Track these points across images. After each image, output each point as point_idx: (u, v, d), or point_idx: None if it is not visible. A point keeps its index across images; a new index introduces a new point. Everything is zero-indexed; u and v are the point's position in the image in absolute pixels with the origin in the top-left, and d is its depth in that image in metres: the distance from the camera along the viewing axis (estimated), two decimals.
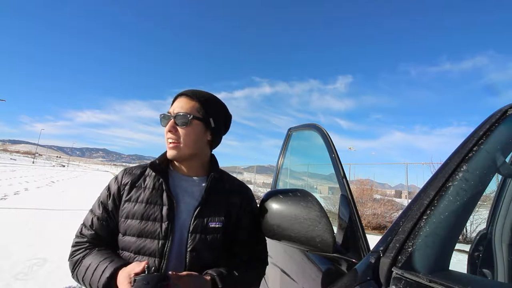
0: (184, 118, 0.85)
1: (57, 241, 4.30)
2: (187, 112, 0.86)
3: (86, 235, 0.84)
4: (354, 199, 1.04)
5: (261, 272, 0.95)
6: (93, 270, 0.76)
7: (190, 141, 0.86)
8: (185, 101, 0.88)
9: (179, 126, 0.86)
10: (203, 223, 0.83)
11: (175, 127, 0.86)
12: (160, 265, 0.78)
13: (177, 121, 0.86)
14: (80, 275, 0.79)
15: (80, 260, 0.81)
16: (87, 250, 0.82)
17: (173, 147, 0.86)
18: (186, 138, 0.86)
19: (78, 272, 0.80)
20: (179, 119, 0.86)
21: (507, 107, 0.72)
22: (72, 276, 0.83)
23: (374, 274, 0.56)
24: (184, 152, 0.87)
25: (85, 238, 0.84)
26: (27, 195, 8.89)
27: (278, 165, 1.97)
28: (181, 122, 0.85)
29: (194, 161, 0.91)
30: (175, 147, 0.86)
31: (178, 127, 0.86)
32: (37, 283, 2.81)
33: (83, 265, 0.79)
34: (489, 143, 0.65)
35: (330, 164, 1.19)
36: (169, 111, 0.89)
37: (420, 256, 0.53)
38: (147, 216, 0.82)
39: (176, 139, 0.86)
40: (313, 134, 1.45)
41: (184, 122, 0.85)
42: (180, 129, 0.86)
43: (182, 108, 0.87)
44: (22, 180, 14.45)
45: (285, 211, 0.86)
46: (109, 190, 0.88)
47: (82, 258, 0.81)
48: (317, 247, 0.82)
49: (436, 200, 0.59)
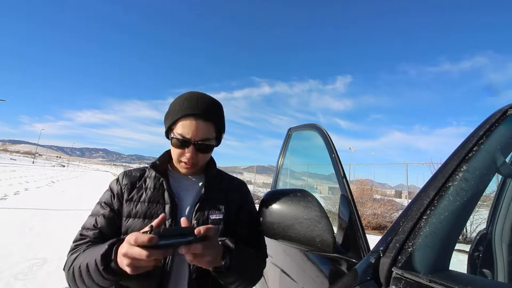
0: (207, 147, 0.86)
1: (57, 241, 4.30)
2: (208, 138, 0.85)
3: (87, 235, 0.81)
4: (354, 199, 1.04)
5: (264, 260, 0.94)
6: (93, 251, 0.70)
7: (205, 160, 0.91)
8: (203, 125, 0.84)
9: (200, 152, 0.86)
10: (204, 216, 0.85)
11: (196, 152, 0.85)
12: (166, 261, 0.79)
13: (200, 149, 0.85)
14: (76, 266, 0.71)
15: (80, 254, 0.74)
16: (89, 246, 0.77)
17: (191, 168, 0.87)
18: (204, 160, 0.89)
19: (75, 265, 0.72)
20: (201, 147, 0.85)
21: (507, 107, 0.72)
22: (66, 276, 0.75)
23: (374, 274, 0.56)
24: (197, 168, 0.90)
25: (86, 238, 0.81)
26: (27, 195, 8.89)
27: (278, 165, 1.97)
28: (203, 150, 0.86)
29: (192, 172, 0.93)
30: (192, 167, 0.87)
31: (199, 153, 0.86)
32: (37, 283, 2.81)
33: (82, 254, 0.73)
34: (489, 143, 0.65)
35: (330, 164, 1.19)
36: (185, 135, 0.83)
37: (420, 256, 0.53)
38: (150, 214, 0.83)
39: (195, 162, 0.86)
40: (313, 134, 1.45)
41: (206, 150, 0.87)
42: (200, 154, 0.86)
43: (203, 135, 0.84)
44: (22, 180, 14.44)
45: (285, 211, 0.86)
46: (112, 191, 0.88)
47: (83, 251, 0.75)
48: (317, 247, 0.82)
49: (436, 200, 0.59)
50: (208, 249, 0.62)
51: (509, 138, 0.66)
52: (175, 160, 0.89)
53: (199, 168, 0.92)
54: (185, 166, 0.87)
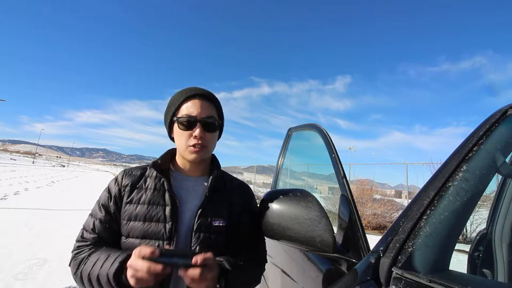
0: (213, 124, 0.87)
1: (57, 241, 4.30)
2: (212, 116, 0.87)
3: (88, 239, 0.82)
4: (354, 199, 1.04)
5: (262, 269, 0.96)
6: (103, 261, 0.73)
7: (213, 145, 0.90)
8: (207, 104, 0.87)
9: (207, 131, 0.86)
10: (207, 222, 0.83)
11: (203, 131, 0.85)
12: None
13: (206, 126, 0.85)
14: (85, 272, 0.75)
15: (86, 257, 0.77)
16: (93, 249, 0.79)
17: (200, 151, 0.85)
18: (211, 142, 0.89)
19: (83, 270, 0.76)
20: (209, 125, 0.86)
21: (507, 107, 0.72)
22: (74, 276, 0.79)
23: (374, 274, 0.56)
24: (207, 155, 0.89)
25: (87, 241, 0.82)
26: (27, 195, 8.88)
27: (278, 165, 1.97)
28: (210, 128, 0.86)
29: (203, 162, 0.92)
30: (202, 150, 0.86)
31: (206, 132, 0.86)
32: (37, 283, 2.81)
33: (90, 260, 0.76)
34: (489, 143, 0.65)
35: (330, 164, 1.19)
36: (191, 114, 0.85)
37: (420, 256, 0.53)
38: (150, 217, 0.81)
39: (205, 143, 0.86)
40: (313, 134, 1.44)
41: (213, 127, 0.87)
42: (207, 134, 0.86)
43: (208, 112, 0.86)
44: (22, 180, 14.44)
45: (285, 211, 0.86)
46: (110, 192, 0.86)
47: (89, 256, 0.78)
48: (317, 247, 0.82)
49: (436, 200, 0.59)
50: (206, 274, 0.66)
51: (509, 138, 0.66)
52: (183, 147, 0.86)
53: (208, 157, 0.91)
54: (194, 150, 0.85)
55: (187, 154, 0.86)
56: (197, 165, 0.91)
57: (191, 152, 0.85)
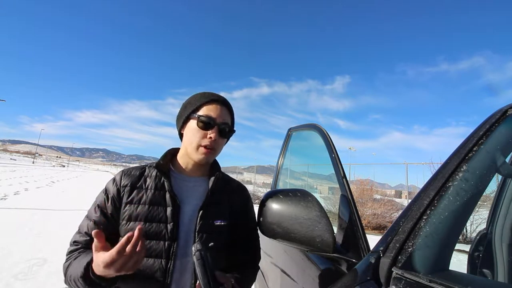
0: (229, 131, 0.90)
1: (57, 241, 4.30)
2: (229, 123, 0.90)
3: (80, 242, 0.80)
4: (354, 199, 1.04)
5: (257, 269, 0.99)
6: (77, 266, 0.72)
7: (220, 151, 0.92)
8: (226, 112, 0.90)
9: (220, 136, 0.87)
10: (209, 222, 0.84)
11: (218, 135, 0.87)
12: (167, 266, 0.78)
13: (222, 131, 0.87)
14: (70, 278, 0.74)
15: (70, 263, 0.76)
16: (80, 254, 0.78)
17: (209, 153, 0.86)
18: (220, 147, 0.90)
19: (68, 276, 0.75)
20: (224, 130, 0.88)
21: (507, 107, 0.72)
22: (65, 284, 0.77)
23: (374, 274, 0.56)
24: (213, 158, 0.90)
25: (79, 245, 0.80)
26: (27, 195, 8.89)
27: (278, 165, 1.97)
28: (224, 134, 0.88)
29: (206, 164, 0.92)
30: (211, 153, 0.87)
31: (219, 137, 0.87)
32: (37, 283, 2.81)
33: (72, 266, 0.75)
34: (489, 143, 0.65)
35: (330, 164, 1.19)
36: (210, 115, 0.86)
37: (420, 256, 0.53)
38: (151, 217, 0.80)
39: (215, 146, 0.87)
40: (313, 134, 1.44)
41: (226, 134, 0.89)
42: (220, 138, 0.88)
43: (226, 119, 0.89)
44: (22, 180, 14.44)
45: (285, 211, 0.86)
46: (107, 193, 0.84)
47: (74, 260, 0.76)
48: (317, 247, 0.82)
49: (436, 200, 0.59)
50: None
51: (509, 138, 0.66)
52: (194, 144, 0.86)
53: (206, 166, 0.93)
54: (205, 150, 0.85)
55: (195, 153, 0.87)
56: (200, 166, 0.92)
57: (201, 152, 0.86)
